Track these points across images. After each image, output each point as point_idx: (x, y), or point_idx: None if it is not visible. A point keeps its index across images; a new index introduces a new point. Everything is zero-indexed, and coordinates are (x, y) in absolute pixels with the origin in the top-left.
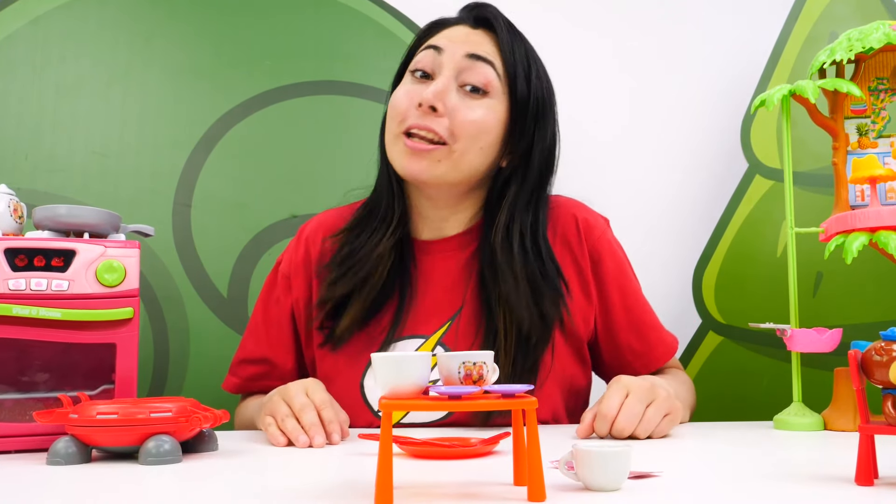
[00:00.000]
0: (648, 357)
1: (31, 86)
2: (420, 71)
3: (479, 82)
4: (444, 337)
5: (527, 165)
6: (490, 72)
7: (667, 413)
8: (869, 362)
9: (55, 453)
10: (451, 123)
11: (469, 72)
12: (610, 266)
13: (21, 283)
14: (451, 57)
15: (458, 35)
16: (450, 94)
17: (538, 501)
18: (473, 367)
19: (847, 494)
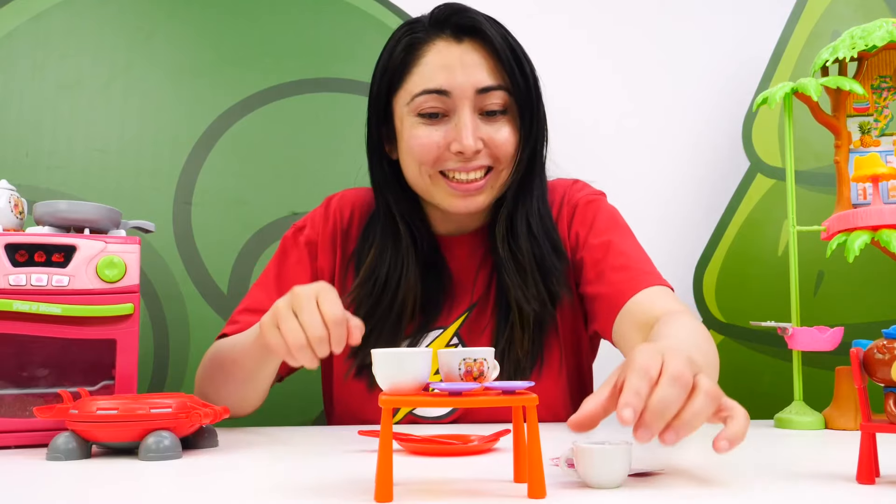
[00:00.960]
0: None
1: (31, 83)
2: (427, 114)
3: (498, 106)
4: (460, 329)
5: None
6: (503, 94)
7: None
8: (871, 360)
9: (55, 449)
10: (490, 152)
11: (484, 101)
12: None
13: (21, 279)
14: (462, 96)
15: (451, 61)
16: (478, 128)
17: (538, 498)
18: (474, 363)
19: (848, 493)
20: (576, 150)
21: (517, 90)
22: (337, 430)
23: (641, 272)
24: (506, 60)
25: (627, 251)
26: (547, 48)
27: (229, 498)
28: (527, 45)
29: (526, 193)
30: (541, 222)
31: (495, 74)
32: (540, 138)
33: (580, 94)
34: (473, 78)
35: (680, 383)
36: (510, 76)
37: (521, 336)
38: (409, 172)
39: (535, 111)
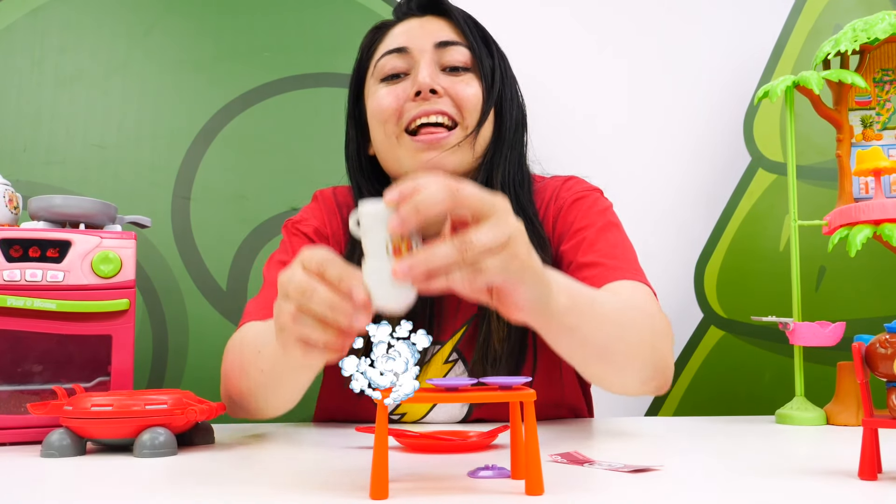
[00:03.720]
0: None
1: (29, 77)
2: (390, 75)
3: (461, 62)
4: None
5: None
6: (465, 51)
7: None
8: (873, 355)
9: (49, 445)
10: (452, 101)
11: (445, 56)
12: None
13: (16, 274)
14: (421, 50)
15: (413, 27)
16: (438, 77)
17: (536, 495)
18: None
19: (850, 489)
20: (575, 146)
21: (480, 51)
22: (334, 426)
23: (613, 268)
24: (465, 26)
25: (604, 248)
26: (547, 43)
27: (225, 494)
28: (528, 40)
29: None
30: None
31: (456, 34)
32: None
33: (580, 89)
34: (433, 35)
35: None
36: (470, 38)
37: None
38: (377, 143)
39: (500, 77)
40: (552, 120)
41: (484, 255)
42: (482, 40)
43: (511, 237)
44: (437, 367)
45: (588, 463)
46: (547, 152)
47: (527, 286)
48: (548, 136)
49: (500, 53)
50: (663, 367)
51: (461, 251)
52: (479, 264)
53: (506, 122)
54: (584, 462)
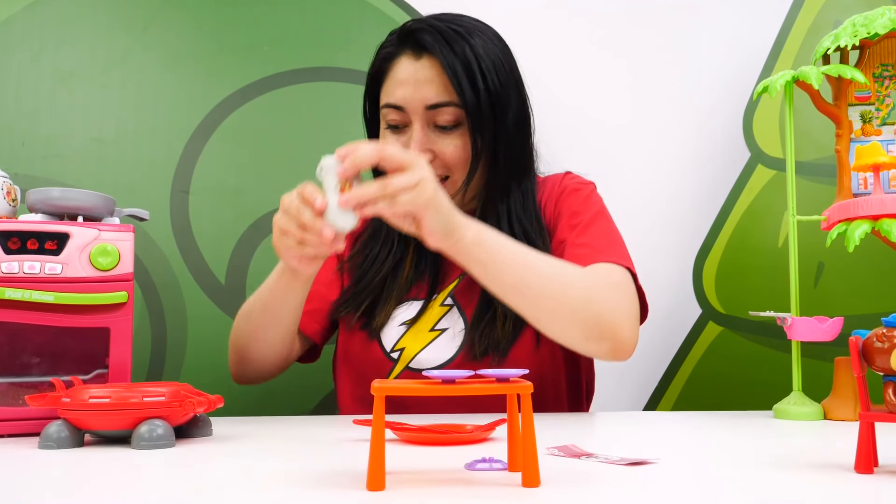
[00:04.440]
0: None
1: (28, 71)
2: (391, 126)
3: (447, 122)
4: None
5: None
6: (453, 110)
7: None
8: (870, 349)
9: (47, 437)
10: (441, 162)
11: (436, 117)
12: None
13: (14, 266)
14: (414, 112)
15: (408, 79)
16: (429, 141)
17: (532, 487)
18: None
19: (846, 482)
20: (576, 142)
21: (468, 105)
22: (331, 419)
23: (600, 250)
24: (453, 78)
25: (595, 232)
26: (547, 38)
27: (222, 487)
28: (528, 35)
29: (496, 198)
30: (520, 221)
31: (446, 91)
32: (504, 147)
33: (580, 85)
34: (423, 94)
35: None
36: (460, 93)
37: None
38: None
39: (493, 120)
40: (552, 116)
41: (399, 191)
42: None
43: (420, 181)
44: (434, 310)
45: (585, 456)
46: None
47: (432, 217)
48: (547, 133)
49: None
50: (611, 330)
51: (382, 188)
52: (395, 198)
53: (499, 164)
54: (581, 455)
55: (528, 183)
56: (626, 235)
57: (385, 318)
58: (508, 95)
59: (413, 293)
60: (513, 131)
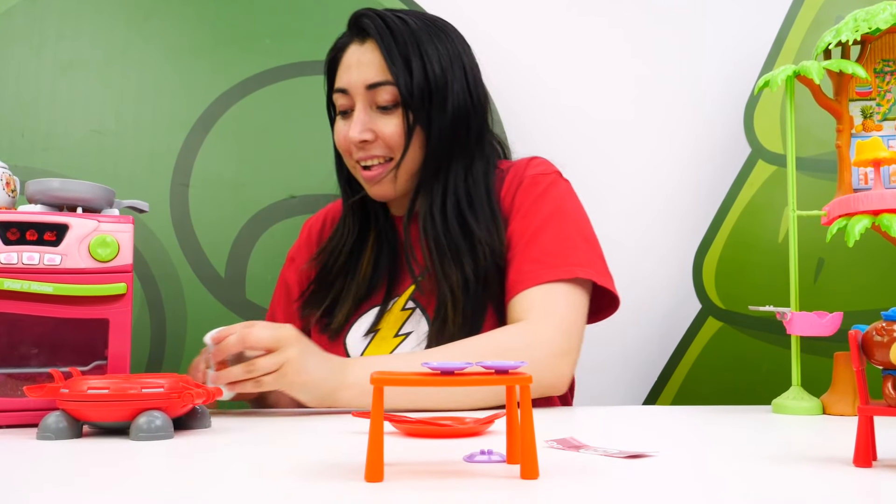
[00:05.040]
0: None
1: (28, 63)
2: (342, 111)
3: (387, 101)
4: (414, 293)
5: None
6: (391, 89)
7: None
8: (869, 343)
9: (45, 428)
10: (383, 143)
11: (375, 96)
12: (518, 199)
13: (13, 257)
14: (356, 93)
15: (352, 62)
16: (370, 121)
17: (531, 479)
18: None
19: (845, 476)
20: (576, 138)
21: (401, 85)
22: (329, 412)
23: (541, 265)
24: (388, 58)
25: (543, 244)
26: (546, 33)
27: (221, 478)
28: (527, 31)
29: (432, 181)
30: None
31: (384, 71)
32: (443, 129)
33: (579, 81)
34: (363, 76)
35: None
36: (394, 72)
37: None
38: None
39: (429, 103)
40: (551, 112)
41: (263, 374)
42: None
43: (284, 363)
44: (395, 314)
45: (583, 448)
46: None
47: (299, 393)
48: (547, 129)
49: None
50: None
51: (247, 372)
52: (259, 381)
53: (430, 143)
54: (580, 447)
55: (477, 167)
56: (626, 231)
57: (343, 319)
58: (448, 82)
59: (373, 299)
60: (452, 118)
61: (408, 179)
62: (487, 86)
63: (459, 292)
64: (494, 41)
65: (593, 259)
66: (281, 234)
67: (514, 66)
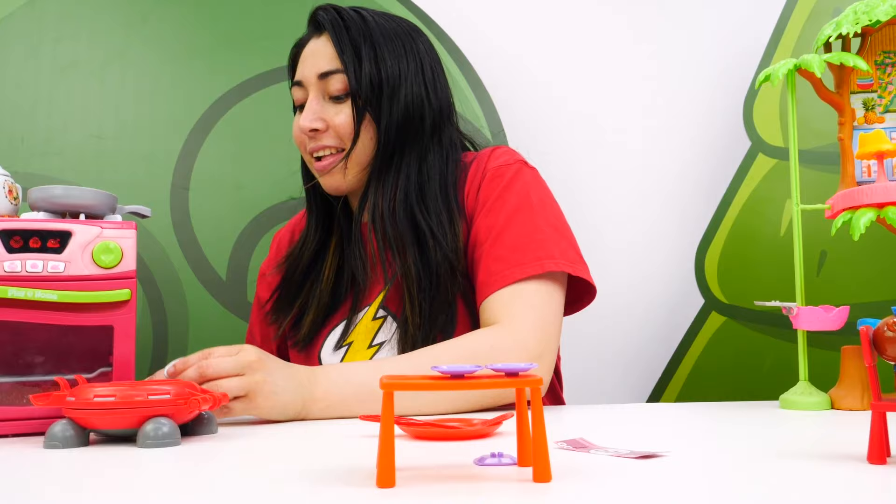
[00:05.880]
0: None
1: (26, 68)
2: (299, 105)
3: (338, 90)
4: (384, 300)
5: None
6: (341, 77)
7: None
8: (881, 338)
9: (52, 437)
10: (333, 133)
11: (327, 86)
12: (483, 193)
13: (16, 265)
14: (309, 84)
15: (308, 56)
16: (322, 110)
17: (543, 482)
18: None
19: (860, 472)
20: (574, 133)
21: (353, 75)
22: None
23: (509, 264)
24: (338, 46)
25: (510, 238)
26: (545, 28)
27: (229, 485)
28: (526, 27)
29: (385, 176)
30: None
31: (335, 60)
32: (392, 121)
33: (578, 75)
34: (316, 66)
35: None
36: (344, 63)
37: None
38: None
39: (376, 98)
40: (550, 108)
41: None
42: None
43: (251, 391)
44: (366, 325)
45: (594, 449)
46: (545, 140)
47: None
48: (546, 124)
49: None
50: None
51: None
52: (229, 408)
53: (381, 135)
54: (591, 448)
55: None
56: (627, 227)
57: (311, 329)
58: (401, 73)
59: (342, 309)
60: (404, 110)
61: (359, 171)
62: (485, 83)
63: (414, 289)
64: (490, 38)
65: (565, 248)
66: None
67: (510, 62)
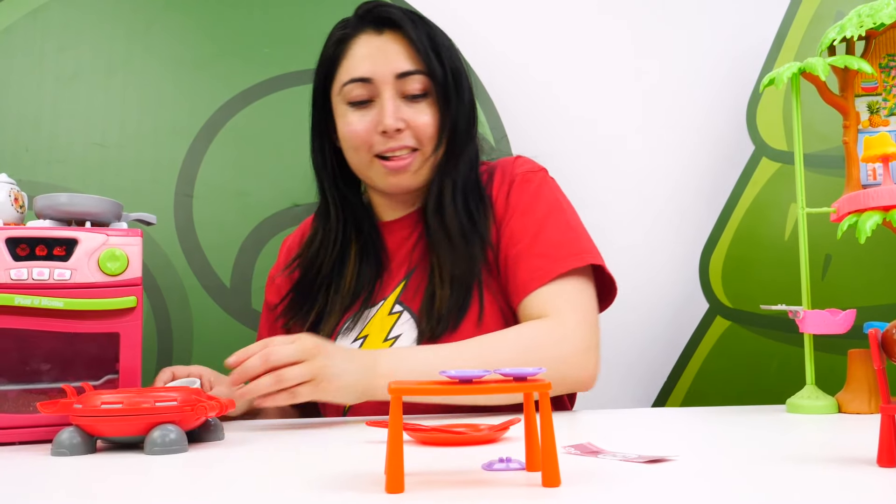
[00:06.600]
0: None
1: (30, 77)
2: (356, 101)
3: (418, 90)
4: (401, 296)
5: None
6: (422, 78)
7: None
8: (890, 341)
9: (59, 444)
10: (413, 133)
11: (405, 86)
12: (514, 197)
13: (23, 273)
14: (384, 82)
15: (373, 52)
16: (400, 110)
17: (553, 486)
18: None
19: (870, 476)
20: (577, 138)
21: (435, 75)
22: (343, 421)
23: (550, 260)
24: (422, 48)
25: (548, 237)
26: (546, 32)
27: (236, 491)
28: (526, 29)
29: (452, 171)
30: (464, 195)
31: (414, 60)
32: (462, 119)
33: (581, 80)
34: (392, 64)
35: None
36: (427, 62)
37: (441, 290)
38: (349, 157)
39: (455, 94)
40: (552, 112)
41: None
42: (435, 55)
43: (314, 375)
44: (382, 318)
45: (602, 454)
46: (548, 145)
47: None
48: (549, 129)
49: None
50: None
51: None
52: (294, 392)
53: (459, 135)
54: (598, 453)
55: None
56: (631, 232)
57: (329, 330)
58: (462, 75)
59: (357, 306)
60: (468, 110)
61: (430, 170)
62: (487, 88)
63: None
64: (491, 42)
65: (594, 248)
66: None
67: (512, 67)
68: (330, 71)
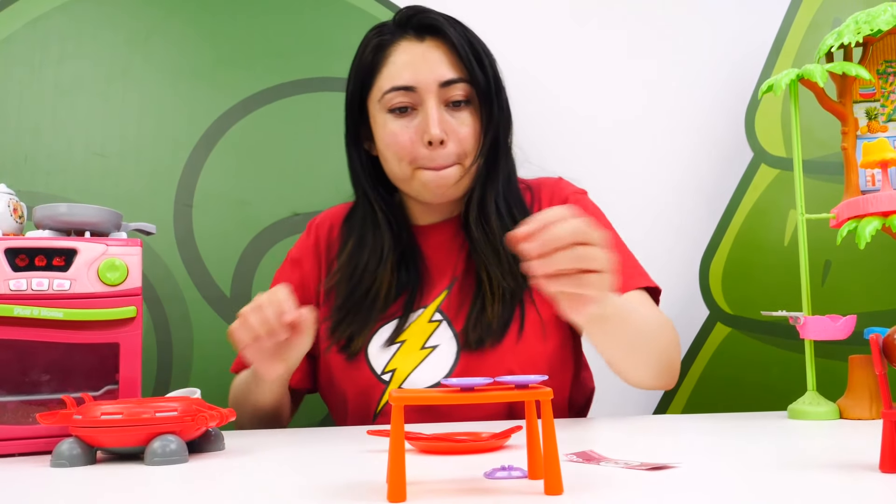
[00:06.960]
0: None
1: (29, 86)
2: (398, 108)
3: (457, 97)
4: (441, 304)
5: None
6: (464, 86)
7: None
8: (891, 346)
9: (59, 455)
10: (456, 145)
11: (448, 93)
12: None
13: (22, 284)
14: (427, 90)
15: (415, 59)
16: (444, 118)
17: (555, 494)
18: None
19: (873, 481)
20: (576, 143)
21: (477, 82)
22: (344, 430)
23: (625, 276)
24: (465, 55)
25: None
26: (545, 37)
27: (238, 502)
28: (525, 34)
29: (493, 179)
30: (508, 204)
31: (457, 68)
32: (503, 127)
33: (580, 85)
34: (436, 73)
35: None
36: (470, 70)
37: (493, 305)
38: (388, 166)
39: (495, 102)
40: (552, 117)
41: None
42: (477, 62)
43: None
44: (422, 326)
45: (604, 461)
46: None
47: (600, 304)
48: (548, 134)
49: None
50: (672, 368)
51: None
52: (583, 277)
53: (499, 144)
54: (601, 460)
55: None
56: (630, 237)
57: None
58: (501, 82)
59: (393, 310)
60: (507, 120)
61: (470, 179)
62: None
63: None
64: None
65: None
66: (285, 252)
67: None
68: (368, 78)
